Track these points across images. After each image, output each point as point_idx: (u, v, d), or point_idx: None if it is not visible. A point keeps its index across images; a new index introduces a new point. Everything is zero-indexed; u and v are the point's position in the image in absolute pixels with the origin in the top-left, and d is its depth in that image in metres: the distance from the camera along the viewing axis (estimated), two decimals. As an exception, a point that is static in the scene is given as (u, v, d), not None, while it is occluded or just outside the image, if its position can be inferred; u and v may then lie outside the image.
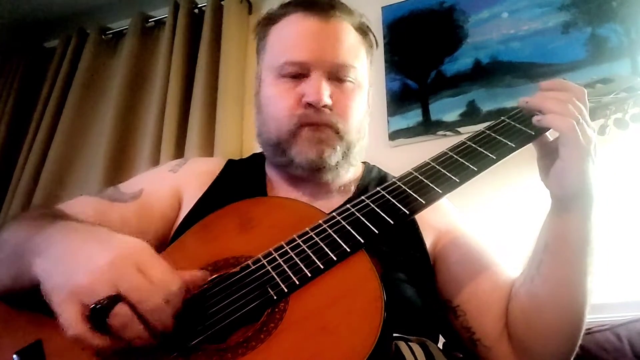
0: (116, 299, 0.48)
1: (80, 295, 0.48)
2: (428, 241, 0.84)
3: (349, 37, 0.86)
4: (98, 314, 0.47)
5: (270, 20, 0.90)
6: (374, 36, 0.94)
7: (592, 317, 0.93)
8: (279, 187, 0.90)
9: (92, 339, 0.47)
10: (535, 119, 0.70)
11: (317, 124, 0.81)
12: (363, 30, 0.90)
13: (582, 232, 0.68)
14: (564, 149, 0.66)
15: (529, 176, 0.75)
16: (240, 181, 0.91)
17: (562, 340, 0.71)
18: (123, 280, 0.49)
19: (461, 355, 0.86)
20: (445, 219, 0.88)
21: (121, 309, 0.48)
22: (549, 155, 0.70)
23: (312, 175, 0.84)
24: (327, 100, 0.81)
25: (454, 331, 0.80)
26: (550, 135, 0.72)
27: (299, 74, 0.83)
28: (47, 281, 0.51)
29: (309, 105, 0.81)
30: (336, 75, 0.84)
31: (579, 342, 0.71)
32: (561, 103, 0.68)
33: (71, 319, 0.47)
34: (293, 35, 0.85)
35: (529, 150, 0.73)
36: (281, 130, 0.83)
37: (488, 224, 1.33)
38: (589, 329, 0.95)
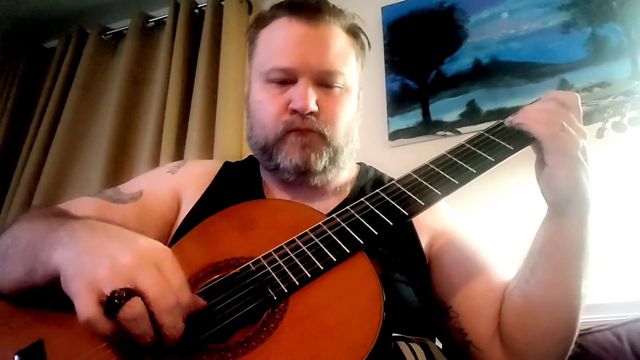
0: (132, 292, 0.49)
1: (99, 285, 0.49)
2: (424, 241, 0.84)
3: (338, 42, 0.85)
4: (112, 304, 0.48)
5: (260, 23, 0.90)
6: (367, 37, 0.93)
7: (592, 317, 0.93)
8: (274, 189, 0.90)
9: (101, 325, 0.49)
10: (518, 126, 0.71)
11: (303, 130, 0.82)
12: (354, 32, 0.90)
13: (577, 236, 0.68)
14: (548, 155, 0.67)
15: (528, 179, 0.75)
16: (237, 183, 0.92)
17: (554, 342, 0.70)
18: (142, 277, 0.50)
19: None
20: (441, 219, 0.88)
21: (135, 303, 0.49)
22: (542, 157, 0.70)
23: (300, 179, 0.85)
24: (312, 107, 0.81)
25: (445, 331, 0.80)
26: None
27: (286, 80, 0.83)
28: (68, 269, 0.52)
29: (295, 111, 0.81)
30: (323, 82, 0.83)
31: (572, 345, 0.71)
32: (542, 111, 0.70)
33: (86, 304, 0.49)
34: (280, 41, 0.85)
35: (528, 153, 0.73)
36: (268, 136, 0.84)
37: (486, 226, 1.34)
38: (589, 328, 0.95)
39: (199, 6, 2.07)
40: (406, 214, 0.65)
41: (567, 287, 0.69)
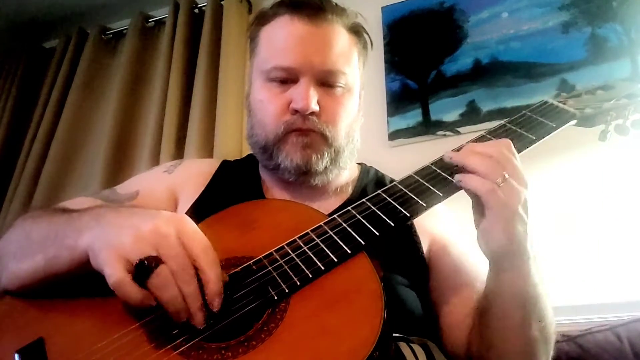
0: (158, 260, 0.52)
1: (126, 253, 0.52)
2: (425, 245, 0.84)
3: (340, 42, 0.85)
4: (141, 273, 0.51)
5: (261, 20, 0.89)
6: (369, 36, 0.92)
7: (592, 317, 0.93)
8: (274, 188, 0.90)
9: (130, 288, 0.51)
10: (456, 179, 0.65)
11: (304, 130, 0.81)
12: (356, 30, 0.89)
13: (516, 288, 0.65)
14: (487, 210, 0.62)
15: (529, 179, 0.75)
16: (236, 182, 0.91)
17: None
18: (163, 246, 0.53)
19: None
20: (440, 224, 0.87)
21: (163, 270, 0.51)
22: (481, 207, 0.63)
23: (301, 179, 0.84)
24: (314, 107, 0.80)
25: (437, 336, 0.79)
26: None
27: (287, 79, 0.82)
28: (95, 245, 0.54)
29: (296, 111, 0.81)
30: (325, 81, 0.83)
31: None
32: (485, 159, 0.63)
33: (115, 268, 0.51)
34: (282, 39, 0.84)
35: (530, 153, 0.72)
36: (268, 136, 0.84)
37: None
38: (589, 329, 0.96)
39: (199, 6, 2.07)
40: (407, 215, 0.65)
41: (512, 334, 0.66)
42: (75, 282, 0.58)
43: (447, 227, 0.88)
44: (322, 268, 0.59)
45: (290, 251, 0.62)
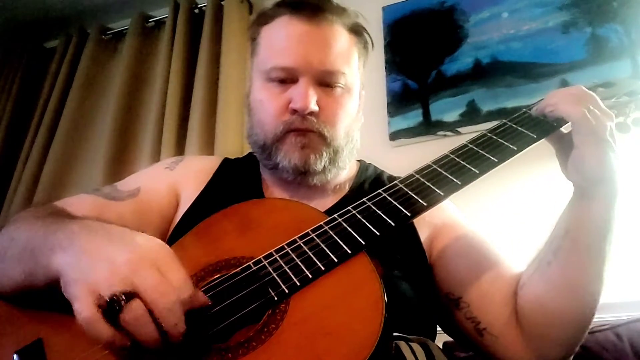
0: (131, 295, 0.48)
1: (97, 288, 0.48)
2: (423, 236, 0.84)
3: (340, 42, 0.85)
4: (113, 308, 0.47)
5: (262, 20, 0.89)
6: (370, 36, 0.92)
7: (592, 317, 0.93)
8: (273, 186, 0.90)
9: (101, 326, 0.47)
10: (547, 110, 0.72)
11: (303, 130, 0.81)
12: (356, 30, 0.89)
13: (604, 219, 0.69)
14: (578, 136, 0.68)
15: (529, 178, 0.76)
16: (236, 180, 0.91)
17: (575, 325, 0.71)
18: (139, 278, 0.49)
19: (462, 355, 0.86)
20: (441, 213, 0.87)
21: (135, 305, 0.48)
22: (566, 148, 0.71)
23: (299, 179, 0.85)
24: (313, 107, 0.80)
25: (456, 325, 0.79)
26: (564, 129, 0.73)
27: (287, 79, 0.83)
28: (67, 274, 0.51)
29: (295, 111, 0.81)
30: (324, 81, 0.83)
31: (589, 327, 0.72)
32: (568, 95, 0.71)
33: (84, 304, 0.48)
34: (281, 39, 0.84)
35: (529, 153, 0.72)
36: (267, 135, 0.84)
37: (490, 225, 1.33)
38: (590, 328, 0.95)
39: (199, 6, 2.07)
40: (408, 214, 0.65)
41: (591, 270, 0.69)
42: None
43: (449, 214, 0.88)
44: (322, 268, 0.59)
45: (290, 251, 0.62)
